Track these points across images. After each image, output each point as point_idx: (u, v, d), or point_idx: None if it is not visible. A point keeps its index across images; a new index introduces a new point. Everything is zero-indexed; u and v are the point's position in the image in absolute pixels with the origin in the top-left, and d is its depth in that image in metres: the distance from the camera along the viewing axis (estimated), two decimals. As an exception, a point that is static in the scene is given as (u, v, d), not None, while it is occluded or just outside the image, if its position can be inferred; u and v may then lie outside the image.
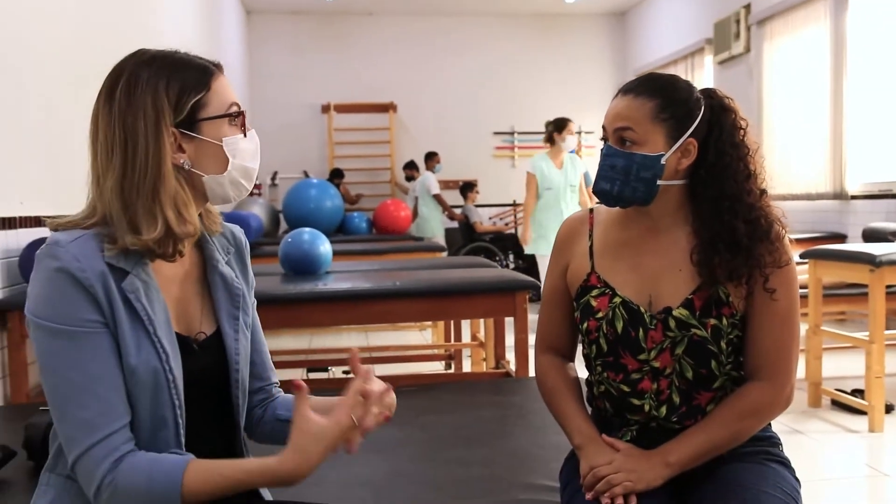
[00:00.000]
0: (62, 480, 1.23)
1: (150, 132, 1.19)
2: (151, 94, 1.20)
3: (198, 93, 1.23)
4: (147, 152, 1.19)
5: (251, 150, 1.31)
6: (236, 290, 1.36)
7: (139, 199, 1.19)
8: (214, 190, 1.27)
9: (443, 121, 10.99)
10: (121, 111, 1.19)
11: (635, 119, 1.47)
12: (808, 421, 3.78)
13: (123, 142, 1.19)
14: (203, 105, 1.24)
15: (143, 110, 1.19)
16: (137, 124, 1.19)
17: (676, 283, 1.50)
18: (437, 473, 1.91)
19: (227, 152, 1.26)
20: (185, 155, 1.23)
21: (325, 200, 6.97)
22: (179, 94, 1.22)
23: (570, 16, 11.26)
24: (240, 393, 1.34)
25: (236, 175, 1.28)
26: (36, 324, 1.16)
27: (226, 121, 1.27)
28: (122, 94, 1.20)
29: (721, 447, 1.47)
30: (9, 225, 2.99)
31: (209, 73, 1.26)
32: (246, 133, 1.30)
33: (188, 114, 1.23)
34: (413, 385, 2.93)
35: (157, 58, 1.24)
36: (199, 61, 1.27)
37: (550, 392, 1.63)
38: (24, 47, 3.18)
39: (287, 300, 3.06)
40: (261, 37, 10.76)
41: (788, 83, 7.30)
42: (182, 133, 1.23)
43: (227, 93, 1.28)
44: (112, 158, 1.19)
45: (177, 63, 1.24)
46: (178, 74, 1.23)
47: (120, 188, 1.19)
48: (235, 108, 1.28)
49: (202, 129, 1.24)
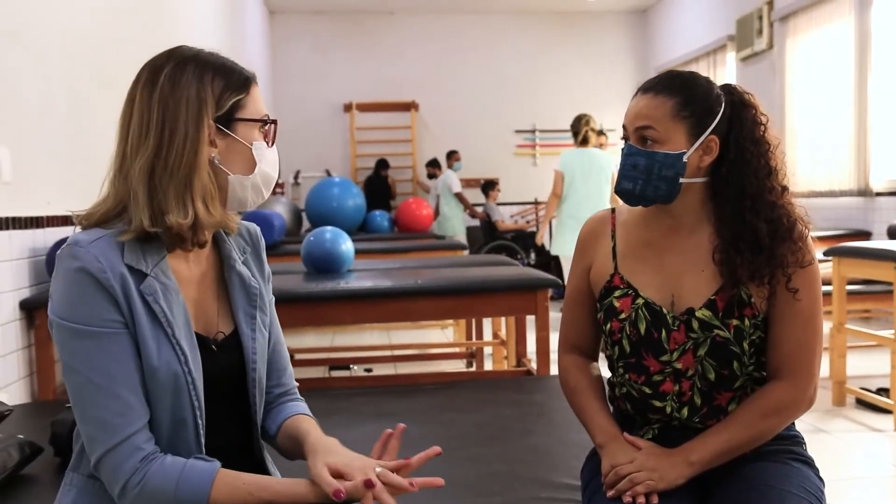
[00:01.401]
0: (84, 480, 1.25)
1: (192, 120, 1.21)
2: (197, 85, 1.22)
3: (238, 94, 1.26)
4: (186, 139, 1.20)
5: (273, 160, 1.33)
6: (253, 290, 1.36)
7: (171, 184, 1.20)
8: (236, 191, 1.28)
9: (464, 119, 10.99)
10: (163, 96, 1.21)
11: (656, 117, 1.47)
12: (833, 420, 3.75)
13: (161, 125, 1.20)
14: (241, 106, 1.27)
15: (186, 98, 1.21)
16: (179, 110, 1.21)
17: (699, 283, 1.50)
18: (458, 471, 1.92)
19: (255, 155, 1.28)
20: (217, 150, 1.25)
21: (348, 199, 6.99)
22: (223, 90, 1.24)
23: (592, 13, 11.21)
24: (257, 391, 1.34)
25: (259, 180, 1.30)
26: (58, 324, 1.17)
27: (258, 126, 1.30)
28: (166, 79, 1.22)
29: (744, 446, 1.46)
30: (36, 224, 3.03)
31: (249, 80, 1.30)
32: (271, 144, 1.32)
33: (227, 111, 1.25)
34: (434, 383, 2.94)
35: (202, 54, 1.27)
36: (240, 67, 1.30)
37: (573, 391, 1.63)
38: (52, 49, 3.22)
39: (309, 298, 3.08)
40: (283, 36, 10.81)
41: (812, 79, 7.22)
42: (218, 128, 1.25)
43: (260, 103, 1.31)
44: (146, 140, 1.20)
45: (222, 63, 1.28)
46: (223, 73, 1.26)
47: (150, 168, 1.20)
48: (267, 117, 1.31)
49: (237, 129, 1.27)
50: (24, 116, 2.97)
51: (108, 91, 3.66)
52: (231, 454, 1.27)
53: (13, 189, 2.87)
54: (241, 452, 1.35)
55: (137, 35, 4.33)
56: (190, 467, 1.17)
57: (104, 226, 1.22)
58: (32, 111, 3.04)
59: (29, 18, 3.04)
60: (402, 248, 5.68)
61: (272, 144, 1.33)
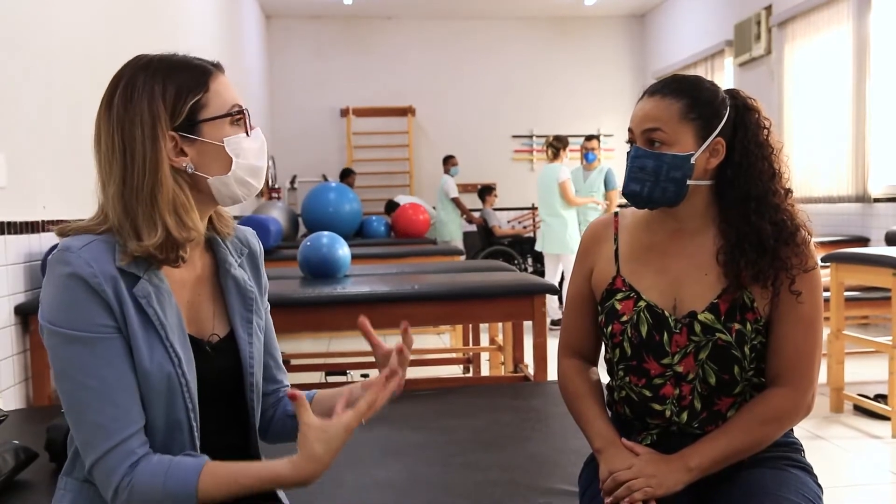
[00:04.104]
0: (78, 484, 1.24)
1: (147, 138, 1.19)
2: (147, 100, 1.19)
3: (196, 94, 1.22)
4: (144, 158, 1.19)
5: (255, 148, 1.29)
6: (249, 294, 1.36)
7: (139, 206, 1.19)
8: (221, 191, 1.26)
9: (461, 124, 11.00)
10: (119, 118, 1.20)
11: (664, 119, 1.47)
12: (831, 426, 3.74)
13: (122, 149, 1.19)
14: (202, 106, 1.23)
15: (139, 116, 1.19)
16: (135, 131, 1.19)
17: (702, 287, 1.50)
18: (454, 477, 1.91)
19: (230, 152, 1.25)
20: (188, 158, 1.23)
21: (344, 204, 6.99)
22: (176, 97, 1.21)
23: (589, 18, 11.23)
24: (254, 395, 1.34)
25: (242, 174, 1.26)
26: (50, 330, 1.16)
27: (227, 121, 1.25)
28: (119, 101, 1.20)
29: (742, 453, 1.46)
30: (31, 229, 3.03)
31: (207, 74, 1.25)
32: (249, 132, 1.28)
33: (187, 116, 1.22)
34: (431, 389, 2.93)
35: (153, 62, 1.23)
36: (197, 62, 1.26)
37: (572, 395, 1.62)
38: (48, 54, 3.21)
39: (306, 303, 3.07)
40: (280, 41, 10.82)
41: (810, 85, 7.24)
42: (182, 136, 1.22)
43: (227, 92, 1.26)
44: (113, 166, 1.20)
45: (173, 65, 1.23)
46: (175, 77, 1.22)
47: (121, 195, 1.19)
48: (237, 107, 1.26)
49: (203, 131, 1.23)
50: (20, 121, 2.96)
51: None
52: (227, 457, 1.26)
53: (9, 194, 2.86)
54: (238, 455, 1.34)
55: (134, 41, 4.32)
56: (177, 462, 1.17)
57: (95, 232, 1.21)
58: (29, 116, 3.04)
59: (27, 25, 3.03)
60: (398, 254, 5.67)
61: (250, 132, 1.28)
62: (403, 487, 1.87)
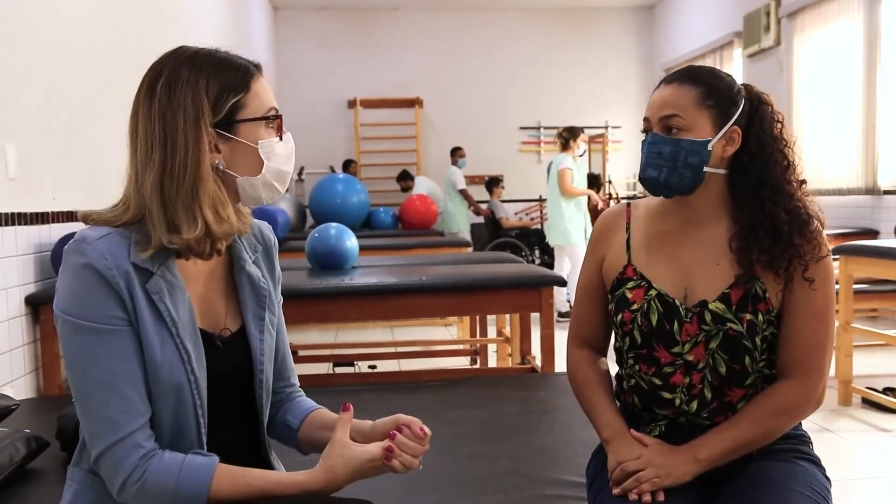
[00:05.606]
0: (84, 474, 1.25)
1: (190, 130, 1.19)
2: (192, 93, 1.19)
3: (237, 94, 1.23)
4: (187, 151, 1.18)
5: (286, 153, 1.30)
6: (263, 291, 1.36)
7: (179, 198, 1.18)
8: (247, 191, 1.27)
9: (469, 116, 10.98)
10: (161, 107, 1.19)
11: (682, 106, 1.47)
12: (839, 419, 3.74)
13: (163, 138, 1.18)
14: (241, 106, 1.23)
15: (183, 108, 1.19)
16: (178, 121, 1.18)
17: (713, 276, 1.50)
18: (462, 468, 1.91)
19: (262, 155, 1.25)
20: (221, 155, 1.23)
21: (352, 195, 6.99)
22: (219, 94, 1.21)
23: (597, 9, 11.19)
24: (264, 392, 1.34)
25: (270, 178, 1.27)
26: (63, 319, 1.17)
27: (263, 123, 1.26)
28: (162, 90, 1.19)
29: (751, 445, 1.46)
30: (41, 220, 3.04)
31: (249, 75, 1.25)
32: (282, 137, 1.29)
33: (226, 114, 1.22)
34: (438, 380, 2.93)
35: (198, 56, 1.23)
36: (240, 61, 1.26)
37: (581, 385, 1.62)
38: (56, 47, 3.22)
39: (313, 295, 3.08)
40: (287, 33, 10.80)
41: (819, 77, 7.20)
42: (219, 133, 1.22)
43: (266, 95, 1.27)
44: (152, 155, 1.19)
45: (218, 62, 1.24)
46: (219, 74, 1.22)
47: (160, 185, 1.18)
48: (273, 111, 1.27)
49: (239, 131, 1.24)
50: (29, 113, 2.97)
51: (112, 88, 3.66)
52: (236, 452, 1.27)
53: (19, 185, 2.87)
54: (247, 450, 1.35)
55: (141, 33, 4.33)
56: (189, 462, 1.17)
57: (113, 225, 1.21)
58: (38, 108, 3.04)
59: (33, 18, 3.03)
60: (406, 245, 5.68)
61: (282, 137, 1.29)
62: (410, 478, 1.86)
